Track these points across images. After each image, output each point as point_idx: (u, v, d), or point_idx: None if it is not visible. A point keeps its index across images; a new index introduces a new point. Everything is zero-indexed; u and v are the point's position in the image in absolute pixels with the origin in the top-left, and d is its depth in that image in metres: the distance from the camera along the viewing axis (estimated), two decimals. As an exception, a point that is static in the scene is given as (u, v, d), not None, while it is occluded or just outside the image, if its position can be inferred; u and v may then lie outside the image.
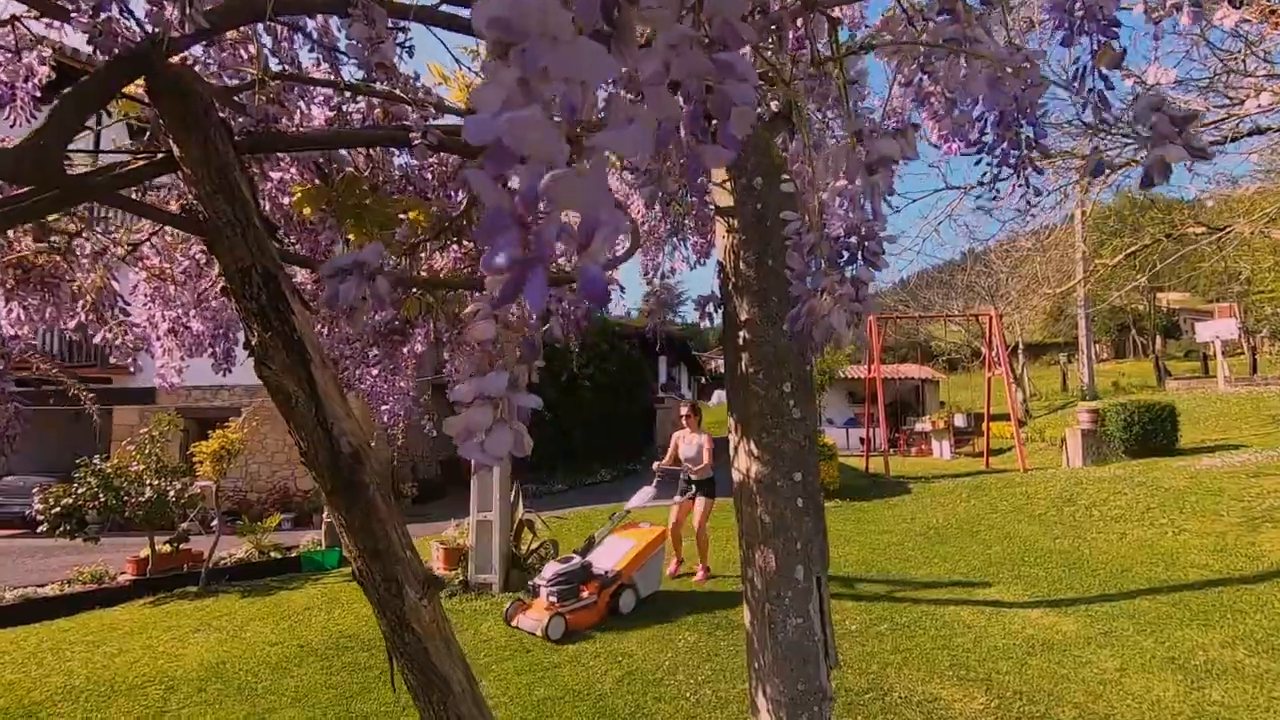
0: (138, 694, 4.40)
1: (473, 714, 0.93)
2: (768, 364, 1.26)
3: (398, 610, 0.89)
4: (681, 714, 3.79)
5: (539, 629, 4.98)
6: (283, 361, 0.83)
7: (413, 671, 0.90)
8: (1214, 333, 26.43)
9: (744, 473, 1.29)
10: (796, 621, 1.20)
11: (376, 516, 0.89)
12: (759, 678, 1.22)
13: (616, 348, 16.62)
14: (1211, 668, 4.15)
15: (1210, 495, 7.99)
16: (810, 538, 1.24)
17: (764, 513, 1.22)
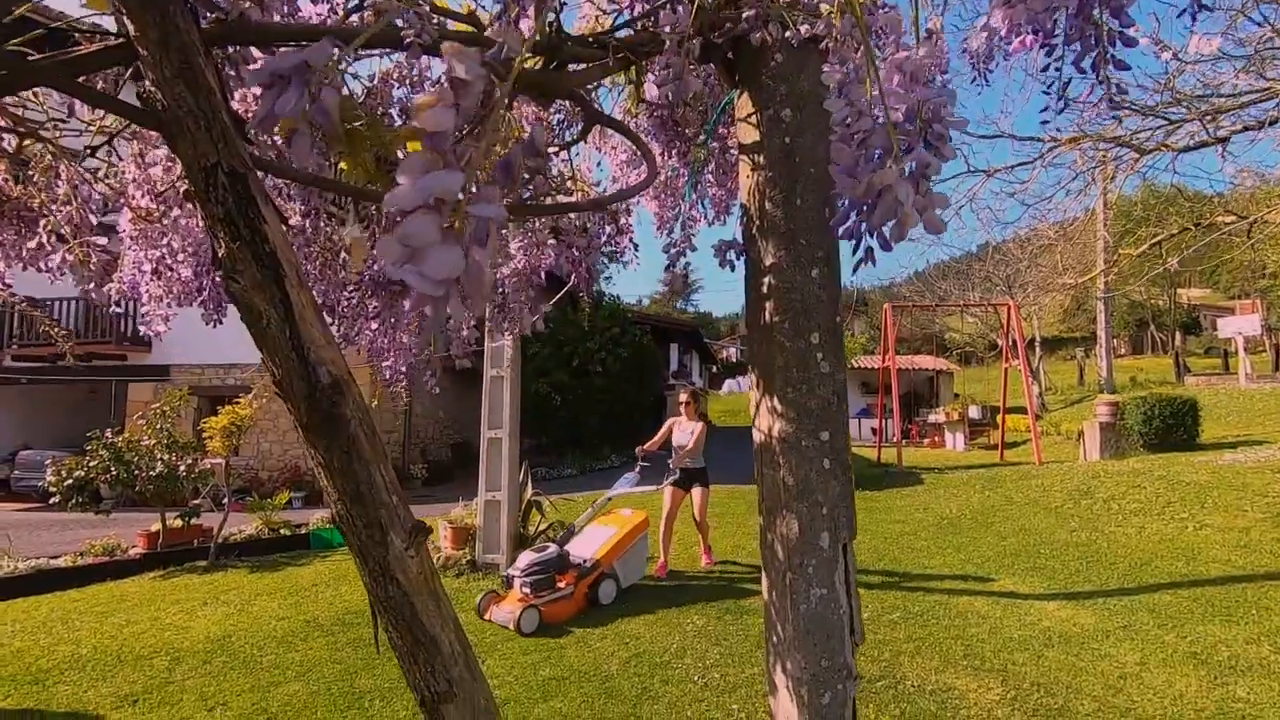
0: (143, 664, 4.40)
1: (465, 678, 0.85)
2: (794, 313, 1.16)
3: (380, 560, 0.80)
4: (689, 697, 3.72)
5: (511, 622, 4.72)
6: (253, 276, 0.74)
7: (397, 630, 0.82)
8: (1236, 329, 25.94)
9: (765, 432, 1.19)
10: (820, 592, 1.10)
11: (359, 455, 0.81)
12: (777, 653, 1.13)
13: (629, 332, 16.52)
14: (1236, 664, 4.02)
15: (1233, 490, 7.80)
16: (837, 502, 1.14)
17: (787, 474, 1.13)
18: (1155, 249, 10.11)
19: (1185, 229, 9.30)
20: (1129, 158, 8.16)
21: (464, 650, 0.87)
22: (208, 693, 3.94)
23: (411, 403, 14.97)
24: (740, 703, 3.64)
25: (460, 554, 6.39)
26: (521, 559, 5.15)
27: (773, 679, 1.14)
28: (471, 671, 0.86)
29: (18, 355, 14.72)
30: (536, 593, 4.88)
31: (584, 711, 3.58)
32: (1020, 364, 13.01)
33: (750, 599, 5.40)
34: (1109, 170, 8.61)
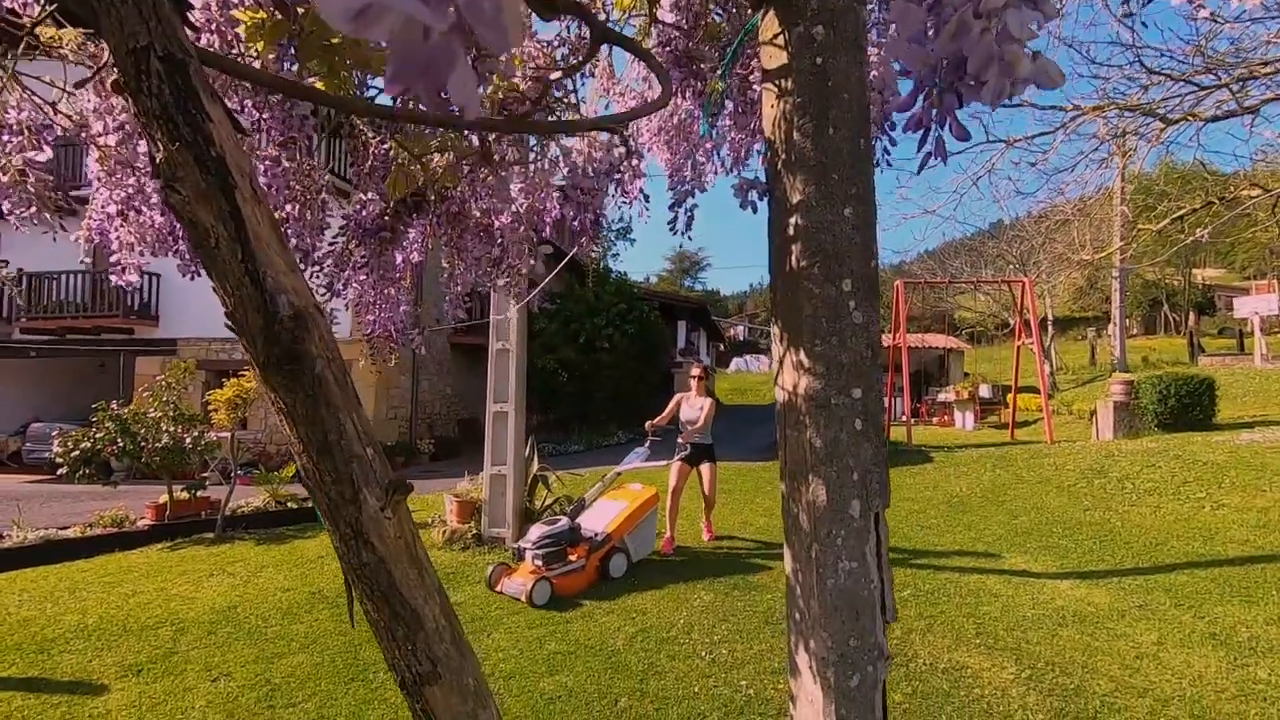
0: (149, 634, 4.38)
1: (451, 656, 0.75)
2: (825, 256, 1.04)
3: (352, 521, 0.70)
4: (696, 673, 3.67)
5: (523, 594, 4.68)
6: (196, 184, 0.63)
7: (373, 601, 0.73)
8: (1253, 308, 25.54)
9: (790, 390, 1.08)
10: (849, 566, 1.00)
11: (326, 400, 0.70)
12: (800, 632, 1.03)
13: (636, 308, 16.38)
14: (1256, 645, 3.93)
15: (1252, 470, 7.66)
16: (869, 467, 1.04)
17: (814, 436, 1.02)
18: (1176, 224, 9.84)
19: (1209, 203, 9.04)
20: (1153, 129, 7.90)
21: (450, 625, 0.77)
22: (212, 663, 3.92)
23: (418, 378, 14.95)
24: (749, 679, 3.58)
25: (466, 528, 6.35)
26: (533, 531, 5.10)
27: (794, 659, 1.05)
28: (459, 648, 0.77)
29: (26, 329, 14.75)
30: (548, 565, 4.85)
31: (590, 686, 3.53)
32: (1033, 342, 12.82)
33: (758, 574, 5.35)
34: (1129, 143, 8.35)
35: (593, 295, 16.33)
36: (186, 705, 3.43)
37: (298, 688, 3.59)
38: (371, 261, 1.31)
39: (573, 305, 16.25)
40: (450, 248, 1.41)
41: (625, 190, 1.50)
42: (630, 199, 1.54)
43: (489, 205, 1.33)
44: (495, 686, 3.54)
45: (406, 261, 1.46)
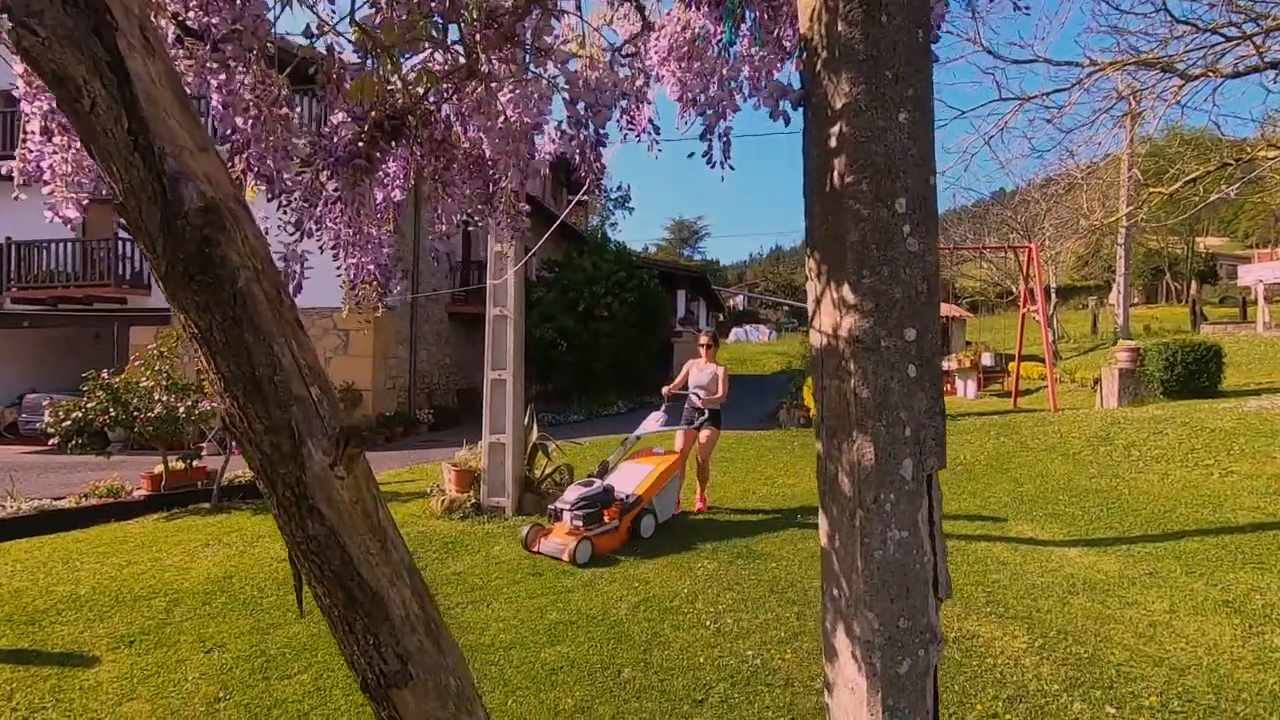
0: (142, 605, 4.30)
1: (426, 651, 0.62)
2: (875, 171, 0.88)
3: (294, 482, 0.56)
4: (701, 642, 3.58)
5: (565, 553, 4.82)
6: (59, 23, 0.47)
7: (323, 584, 0.59)
8: (1258, 276, 25.34)
9: (830, 333, 0.93)
10: (899, 535, 0.87)
11: (253, 324, 0.55)
12: (840, 611, 0.90)
13: (635, 276, 16.15)
14: (1271, 612, 3.86)
15: (1261, 437, 7.57)
16: (923, 421, 0.90)
17: (859, 385, 0.87)
18: (1190, 187, 9.60)
19: (1224, 165, 8.79)
20: (1171, 87, 7.63)
21: (425, 611, 0.63)
22: (206, 634, 3.84)
23: (415, 348, 14.79)
24: (755, 648, 3.50)
25: (465, 497, 6.26)
26: (570, 493, 5.21)
27: (831, 643, 0.92)
28: (437, 641, 0.63)
29: (18, 298, 14.53)
30: (587, 525, 4.99)
31: (593, 656, 3.45)
32: (1038, 310, 12.64)
33: (762, 543, 5.26)
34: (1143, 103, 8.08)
35: (591, 264, 16.08)
36: (179, 677, 3.35)
37: (293, 659, 3.51)
38: (346, 194, 1.15)
39: (571, 274, 16.01)
40: (435, 180, 1.25)
41: (633, 120, 1.33)
42: (638, 131, 1.37)
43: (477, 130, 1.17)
44: (495, 657, 3.46)
45: (389, 200, 1.30)
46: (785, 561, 4.84)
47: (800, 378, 13.43)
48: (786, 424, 11.96)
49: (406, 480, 8.39)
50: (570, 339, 15.35)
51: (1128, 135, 13.43)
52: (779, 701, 2.98)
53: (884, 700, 0.88)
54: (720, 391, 6.38)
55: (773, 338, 42.53)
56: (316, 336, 13.54)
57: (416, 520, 6.17)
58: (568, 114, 1.04)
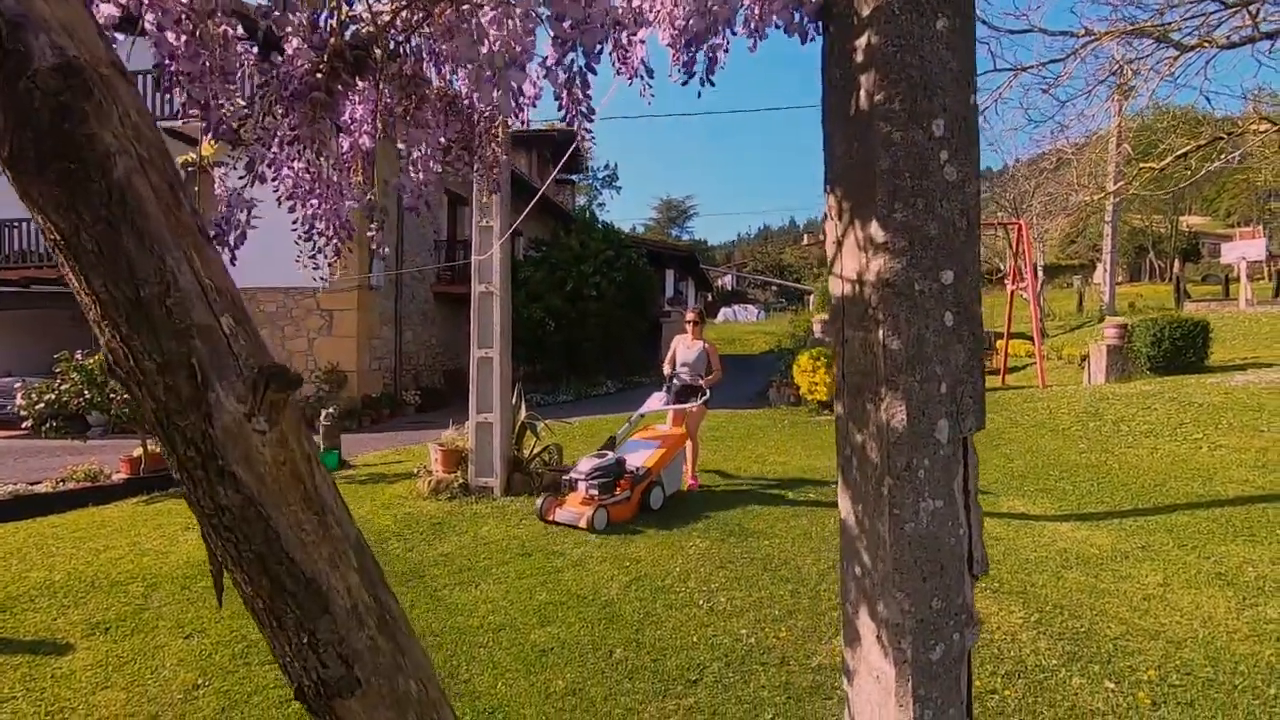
0: (118, 590, 4.18)
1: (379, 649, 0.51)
2: (909, 86, 0.77)
3: (198, 437, 0.45)
4: (694, 621, 3.52)
5: (581, 520, 4.94)
6: None
7: (242, 567, 0.48)
8: (1240, 253, 25.51)
9: (854, 277, 0.82)
10: (933, 506, 0.77)
11: (136, 228, 0.42)
12: (864, 591, 0.81)
13: (624, 255, 15.97)
14: (1264, 584, 3.85)
15: (1249, 411, 7.60)
16: (961, 377, 0.80)
17: (889, 335, 0.77)
18: (1180, 161, 9.56)
19: (1216, 139, 8.75)
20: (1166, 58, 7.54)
21: (377, 600, 0.52)
22: (184, 619, 3.73)
23: (401, 329, 14.58)
24: (749, 627, 3.44)
25: (452, 477, 6.15)
26: (583, 464, 5.30)
27: (854, 626, 0.82)
28: (393, 637, 0.52)
29: (-11, 279, 14.14)
30: (603, 495, 5.10)
31: (584, 636, 3.38)
32: (1027, 287, 12.63)
33: (754, 521, 5.21)
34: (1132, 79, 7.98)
35: (579, 242, 15.88)
36: (156, 664, 3.24)
37: (275, 644, 3.41)
38: (303, 132, 1.02)
39: (559, 253, 15.81)
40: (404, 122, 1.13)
41: (625, 57, 1.20)
42: (630, 72, 1.25)
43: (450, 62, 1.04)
44: (484, 639, 3.38)
45: (356, 148, 1.17)
46: (778, 539, 4.78)
47: (789, 356, 13.37)
48: (776, 402, 11.92)
49: (393, 462, 8.27)
50: (558, 319, 15.19)
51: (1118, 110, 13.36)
52: (774, 680, 2.92)
53: (914, 690, 0.79)
54: (715, 369, 6.45)
55: (761, 317, 42.47)
56: (299, 318, 13.31)
57: (403, 501, 6.07)
58: (552, 34, 0.92)
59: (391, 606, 0.57)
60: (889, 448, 0.79)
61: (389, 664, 0.51)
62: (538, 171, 22.43)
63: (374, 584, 0.54)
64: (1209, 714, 2.62)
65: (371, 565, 0.57)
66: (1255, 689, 2.79)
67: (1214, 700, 2.71)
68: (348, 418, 12.04)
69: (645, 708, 2.75)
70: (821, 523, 5.12)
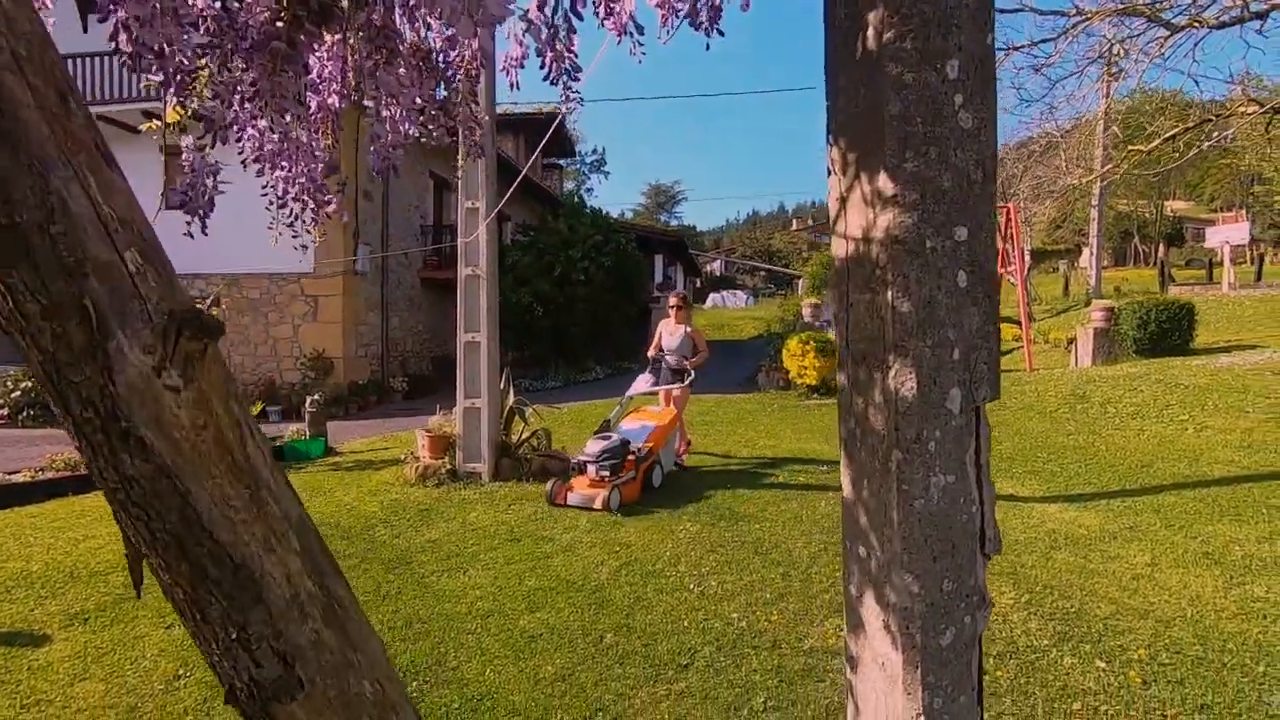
0: (98, 580, 4.09)
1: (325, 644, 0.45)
2: (922, 22, 0.71)
3: (95, 394, 0.38)
4: (685, 605, 3.49)
5: (596, 502, 4.97)
6: None
7: (157, 550, 0.42)
8: (1224, 237, 25.76)
9: (860, 236, 0.76)
10: (945, 481, 0.73)
11: (8, 138, 0.36)
12: (868, 574, 0.76)
13: (612, 239, 15.84)
14: (1250, 563, 3.87)
15: (1234, 392, 7.66)
16: (974, 342, 0.74)
17: (899, 297, 0.71)
18: (1169, 144, 9.57)
19: (1205, 120, 8.75)
20: (1156, 39, 7.51)
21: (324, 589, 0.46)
22: (166, 609, 3.65)
23: (388, 315, 14.42)
24: (740, 610, 3.41)
25: (440, 463, 6.08)
26: (591, 446, 5.28)
27: (857, 611, 0.78)
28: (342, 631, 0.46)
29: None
30: (614, 476, 5.13)
31: (574, 622, 3.34)
32: (1015, 270, 12.66)
33: (744, 504, 5.19)
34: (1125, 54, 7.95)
35: (567, 227, 15.73)
36: (136, 654, 3.17)
37: (259, 632, 3.35)
38: (263, 86, 0.95)
39: (547, 237, 15.66)
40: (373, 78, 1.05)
41: (611, 8, 1.13)
42: (618, 28, 1.17)
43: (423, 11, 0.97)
44: (472, 626, 3.33)
45: (325, 107, 1.10)
46: (768, 523, 4.76)
47: (778, 341, 13.36)
48: (765, 387, 11.91)
49: (380, 448, 8.18)
50: (546, 304, 15.07)
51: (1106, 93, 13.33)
52: (766, 664, 2.90)
53: (924, 677, 0.74)
54: (701, 349, 6.50)
55: (750, 303, 42.48)
56: (284, 304, 13.13)
57: (390, 488, 6.00)
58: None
59: (341, 595, 0.51)
60: (897, 418, 0.74)
61: (337, 661, 0.45)
62: (524, 156, 22.18)
63: (320, 570, 0.48)
64: (1199, 692, 2.62)
65: (318, 548, 0.51)
66: (1244, 666, 2.80)
67: (1203, 678, 2.72)
68: (334, 405, 11.92)
69: (636, 693, 2.72)
70: (812, 505, 5.11)
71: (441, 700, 2.70)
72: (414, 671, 2.92)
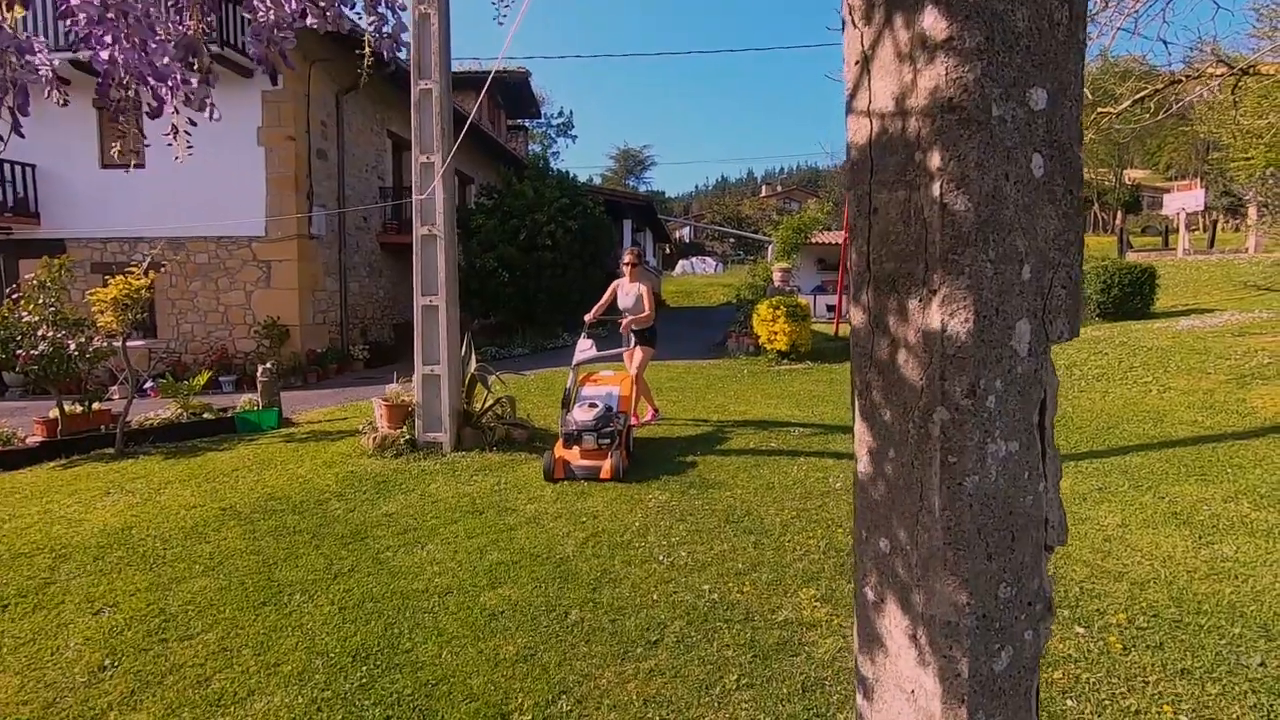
0: (22, 562, 3.79)
1: None
2: None
3: None
4: (655, 578, 3.35)
5: (603, 471, 4.84)
6: None
7: None
8: (1180, 204, 26.36)
9: (891, 106, 0.53)
10: (1006, 450, 0.53)
11: None
12: (893, 574, 0.56)
13: (579, 203, 15.42)
14: (1218, 523, 3.87)
15: (1195, 354, 7.75)
16: (1051, 256, 0.54)
17: (950, 188, 0.50)
18: (1138, 105, 9.53)
19: (1175, 81, 8.70)
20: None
21: None
22: (95, 593, 3.39)
23: (346, 280, 13.88)
24: (712, 582, 3.28)
25: (398, 433, 5.82)
26: (581, 415, 5.10)
27: (874, 622, 0.58)
28: None
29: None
30: (611, 443, 5.00)
31: (537, 598, 3.17)
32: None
33: (715, 471, 5.06)
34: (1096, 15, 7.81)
35: (532, 189, 15.24)
36: (59, 644, 2.92)
37: (196, 617, 3.11)
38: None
39: (511, 200, 15.15)
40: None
41: None
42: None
43: None
44: (429, 604, 3.14)
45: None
46: (739, 490, 4.64)
47: (748, 307, 13.22)
48: (735, 353, 11.79)
49: (339, 418, 7.86)
50: (512, 269, 14.66)
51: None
52: (739, 639, 2.77)
53: (970, 711, 0.56)
54: (645, 309, 6.23)
55: (719, 270, 42.31)
56: (234, 268, 12.51)
57: (346, 459, 5.73)
58: None
59: None
60: (943, 364, 0.54)
61: None
62: (489, 115, 21.42)
63: None
64: (1178, 656, 2.57)
65: None
66: (1220, 629, 2.76)
67: (1181, 642, 2.67)
68: (292, 374, 11.48)
69: (602, 672, 2.57)
70: (784, 472, 5.00)
71: (393, 687, 2.51)
72: (364, 656, 2.73)
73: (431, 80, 5.70)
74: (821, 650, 2.67)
